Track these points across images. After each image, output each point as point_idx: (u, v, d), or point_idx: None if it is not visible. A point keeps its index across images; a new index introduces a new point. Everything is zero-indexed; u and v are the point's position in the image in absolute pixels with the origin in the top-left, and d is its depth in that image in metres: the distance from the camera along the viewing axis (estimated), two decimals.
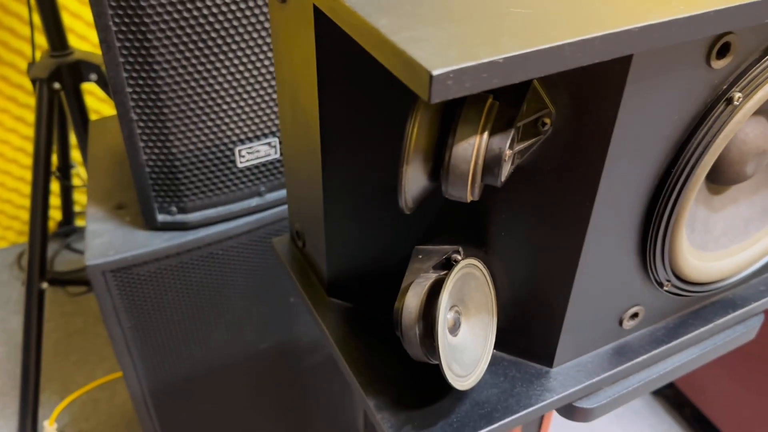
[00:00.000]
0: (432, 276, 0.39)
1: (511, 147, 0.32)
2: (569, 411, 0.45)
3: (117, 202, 0.81)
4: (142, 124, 0.69)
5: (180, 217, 0.76)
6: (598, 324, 0.44)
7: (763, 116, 0.43)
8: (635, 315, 0.45)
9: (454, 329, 0.39)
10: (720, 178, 0.43)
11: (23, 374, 1.18)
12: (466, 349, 0.40)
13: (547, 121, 0.34)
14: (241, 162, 0.74)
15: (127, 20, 0.62)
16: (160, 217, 0.75)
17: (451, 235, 0.42)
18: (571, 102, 0.33)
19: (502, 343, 0.45)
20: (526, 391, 0.43)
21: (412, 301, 0.38)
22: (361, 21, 0.28)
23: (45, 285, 1.17)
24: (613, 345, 0.46)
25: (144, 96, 0.67)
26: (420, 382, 0.43)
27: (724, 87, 0.35)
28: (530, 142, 0.34)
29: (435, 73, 0.24)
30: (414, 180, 0.31)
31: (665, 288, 0.44)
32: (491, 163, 0.31)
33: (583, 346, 0.45)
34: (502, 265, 0.41)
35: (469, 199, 0.32)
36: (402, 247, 0.43)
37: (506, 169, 0.32)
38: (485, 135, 0.30)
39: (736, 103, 0.35)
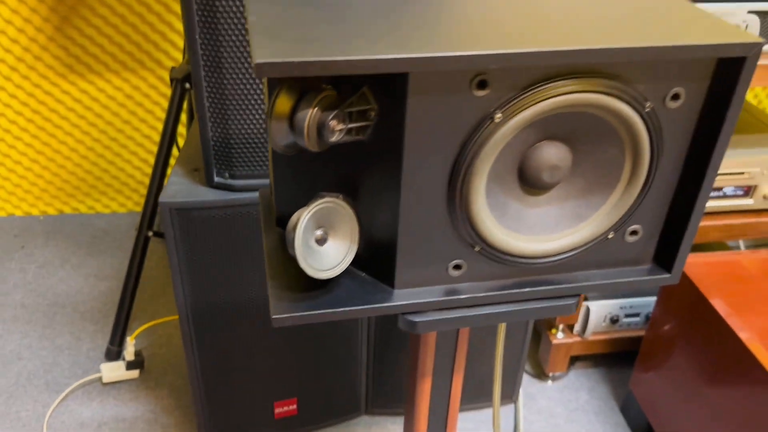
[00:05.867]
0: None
1: (342, 121, 0.55)
2: (403, 322, 0.65)
3: (195, 166, 1.10)
4: (211, 110, 0.97)
5: (230, 181, 1.03)
6: (430, 266, 0.63)
7: (563, 143, 0.61)
8: (458, 266, 0.64)
9: (321, 242, 0.61)
10: (528, 182, 0.62)
11: (121, 298, 1.50)
12: (327, 255, 0.61)
13: (372, 113, 0.56)
14: None
15: (208, 36, 0.90)
16: (216, 179, 1.03)
17: (340, 186, 0.64)
18: (383, 103, 0.55)
19: (365, 265, 0.66)
20: (370, 297, 0.63)
21: (295, 217, 0.60)
22: (249, 18, 0.52)
23: (150, 233, 1.49)
24: (445, 286, 0.65)
25: (215, 91, 0.95)
26: (312, 283, 0.65)
27: (491, 110, 0.55)
28: (362, 124, 0.56)
29: (257, 61, 0.47)
30: (277, 131, 0.54)
31: (476, 249, 0.63)
32: (319, 127, 0.53)
33: (420, 280, 0.64)
34: (362, 209, 0.63)
35: (310, 148, 0.54)
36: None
37: (333, 135, 0.54)
38: (316, 109, 0.53)
39: (496, 120, 0.55)
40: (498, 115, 0.55)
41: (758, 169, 1.32)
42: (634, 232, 0.66)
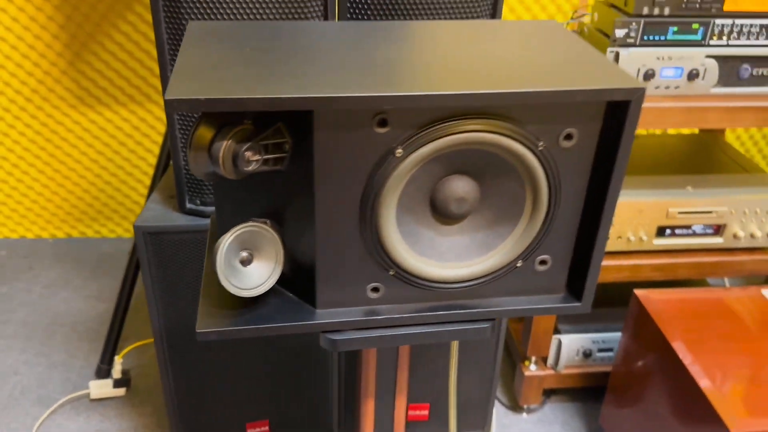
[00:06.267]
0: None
1: (257, 152, 0.60)
2: (324, 340, 0.69)
3: (172, 193, 1.16)
4: (183, 140, 1.04)
5: (201, 208, 1.09)
6: (350, 288, 0.68)
7: (470, 177, 0.66)
8: (376, 289, 0.68)
9: (246, 263, 0.66)
10: (440, 213, 0.67)
11: (112, 318, 1.57)
12: (251, 276, 0.66)
13: (287, 146, 0.61)
14: None
15: None
16: (188, 205, 1.09)
17: (270, 213, 0.69)
18: (297, 137, 0.61)
19: (292, 286, 0.70)
20: (292, 316, 0.68)
21: (220, 240, 0.66)
22: (177, 59, 0.58)
23: None
24: (365, 308, 0.69)
25: (186, 121, 1.02)
26: (241, 302, 0.70)
27: (393, 145, 0.60)
28: (278, 156, 0.62)
29: (166, 98, 0.53)
30: (196, 161, 0.60)
31: (391, 273, 0.67)
32: (234, 157, 0.59)
33: (341, 301, 0.69)
34: (287, 234, 0.68)
35: (228, 176, 0.60)
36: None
37: (249, 165, 0.60)
38: (231, 141, 0.59)
39: (398, 155, 0.60)
40: (399, 151, 0.60)
41: (726, 208, 1.34)
42: (543, 262, 0.70)
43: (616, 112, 0.61)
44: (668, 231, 1.36)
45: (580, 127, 0.62)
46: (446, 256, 0.69)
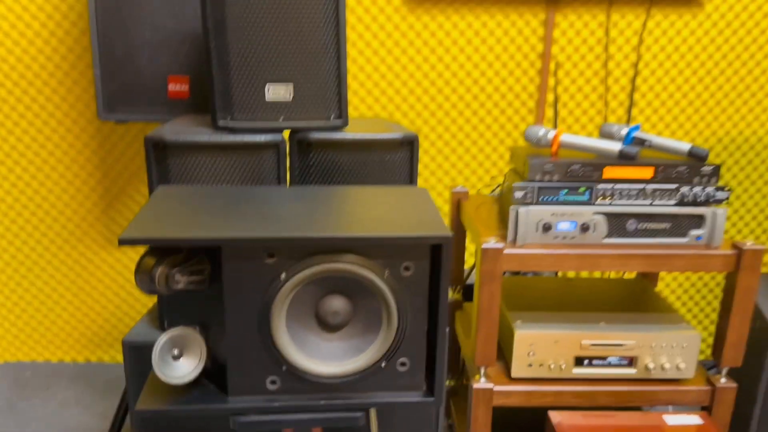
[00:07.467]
0: None
1: (185, 275, 0.85)
2: (233, 422, 0.89)
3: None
4: None
5: None
6: (255, 381, 0.89)
7: (343, 296, 0.89)
8: (274, 381, 0.89)
9: (176, 358, 0.88)
10: (322, 322, 0.89)
11: (110, 428, 1.75)
12: (180, 368, 0.88)
13: (206, 271, 0.86)
14: None
15: None
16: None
17: (200, 321, 0.92)
18: (213, 265, 0.85)
19: (214, 378, 0.92)
20: (209, 401, 0.88)
21: (157, 340, 0.88)
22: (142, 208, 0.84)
23: None
24: (265, 396, 0.90)
25: None
26: (174, 389, 0.91)
27: (279, 272, 0.84)
28: (200, 278, 0.86)
29: (121, 237, 0.79)
30: (141, 281, 0.84)
31: (284, 369, 0.88)
32: (167, 279, 0.83)
33: (247, 390, 0.89)
34: (210, 337, 0.90)
35: (162, 293, 0.84)
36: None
37: (178, 284, 0.84)
38: (165, 267, 0.83)
39: (282, 279, 0.84)
40: (282, 275, 0.84)
41: (635, 342, 1.52)
42: (403, 363, 0.90)
43: (438, 252, 0.85)
44: (586, 361, 1.53)
45: (415, 262, 0.85)
46: (329, 356, 0.90)
